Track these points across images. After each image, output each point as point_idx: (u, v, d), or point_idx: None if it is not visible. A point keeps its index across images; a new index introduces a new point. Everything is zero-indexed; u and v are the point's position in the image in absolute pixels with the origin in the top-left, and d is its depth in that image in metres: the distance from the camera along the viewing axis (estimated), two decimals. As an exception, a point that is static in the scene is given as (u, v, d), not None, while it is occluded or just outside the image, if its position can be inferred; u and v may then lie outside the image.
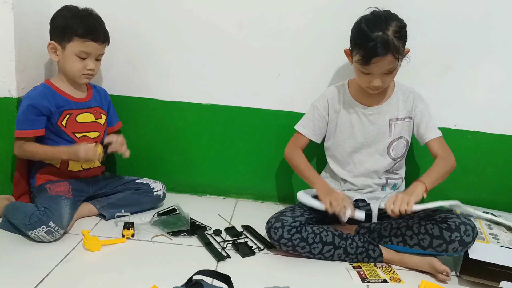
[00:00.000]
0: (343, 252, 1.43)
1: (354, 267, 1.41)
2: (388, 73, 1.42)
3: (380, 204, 1.36)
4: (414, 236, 1.39)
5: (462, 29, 1.63)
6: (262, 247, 1.48)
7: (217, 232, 1.56)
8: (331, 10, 1.65)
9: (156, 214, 1.62)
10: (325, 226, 1.46)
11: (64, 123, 1.54)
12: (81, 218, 1.58)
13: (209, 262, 1.38)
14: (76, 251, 1.39)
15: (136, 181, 1.69)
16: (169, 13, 1.71)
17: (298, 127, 1.61)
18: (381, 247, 1.44)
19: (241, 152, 1.84)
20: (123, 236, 1.47)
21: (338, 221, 1.57)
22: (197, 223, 1.60)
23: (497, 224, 1.55)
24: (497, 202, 1.74)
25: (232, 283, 1.11)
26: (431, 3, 1.62)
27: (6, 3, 1.49)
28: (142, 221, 1.58)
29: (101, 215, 1.60)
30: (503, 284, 1.31)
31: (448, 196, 1.45)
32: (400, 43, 1.38)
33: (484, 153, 1.74)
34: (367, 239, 1.46)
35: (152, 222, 1.56)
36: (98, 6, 1.57)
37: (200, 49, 1.73)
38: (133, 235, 1.49)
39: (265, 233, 1.47)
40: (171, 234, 1.51)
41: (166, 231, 1.52)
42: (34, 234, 1.38)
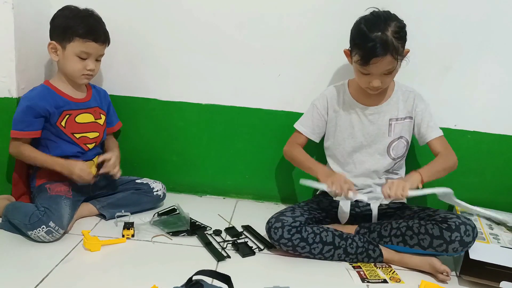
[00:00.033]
0: (343, 252, 1.43)
1: (354, 267, 1.41)
2: (388, 74, 1.42)
3: (377, 191, 1.37)
4: (414, 236, 1.39)
5: (462, 29, 1.63)
6: (262, 247, 1.48)
7: (217, 232, 1.56)
8: (331, 10, 1.65)
9: (156, 214, 1.62)
10: (325, 226, 1.47)
11: (64, 124, 1.54)
12: (81, 218, 1.58)
13: (209, 262, 1.38)
14: (76, 251, 1.39)
15: (136, 181, 1.69)
16: (169, 13, 1.71)
17: (297, 126, 1.61)
18: (381, 247, 1.44)
19: (241, 152, 1.83)
20: (123, 236, 1.47)
21: (338, 221, 1.57)
22: (197, 223, 1.60)
23: (489, 220, 1.56)
24: (497, 202, 1.74)
25: (232, 283, 1.11)
26: (431, 3, 1.62)
27: (6, 3, 1.49)
28: (142, 221, 1.58)
29: (101, 215, 1.60)
30: (503, 284, 1.31)
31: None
32: (400, 44, 1.38)
33: (484, 153, 1.74)
34: (367, 239, 1.46)
35: (152, 222, 1.56)
36: (98, 6, 1.57)
37: (200, 49, 1.73)
38: (133, 235, 1.49)
39: (265, 233, 1.47)
40: (171, 234, 1.51)
41: (166, 231, 1.52)
42: (34, 234, 1.38)
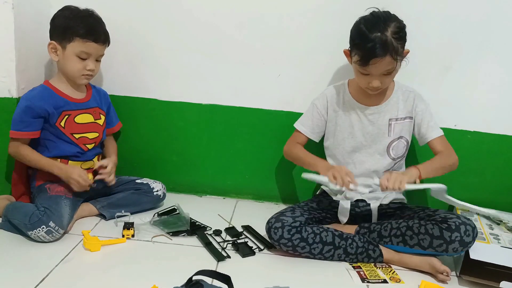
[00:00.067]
0: (343, 252, 1.43)
1: (354, 267, 1.41)
2: (387, 74, 1.42)
3: (374, 180, 1.37)
4: (414, 236, 1.39)
5: (462, 29, 1.63)
6: (262, 247, 1.48)
7: (217, 232, 1.56)
8: (331, 10, 1.65)
9: (156, 214, 1.62)
10: (325, 226, 1.47)
11: (63, 124, 1.54)
12: (81, 218, 1.58)
13: (209, 262, 1.38)
14: (76, 251, 1.39)
15: (136, 181, 1.68)
16: (169, 13, 1.71)
17: (297, 125, 1.61)
18: (381, 247, 1.44)
19: (241, 152, 1.83)
20: (123, 236, 1.47)
21: (338, 221, 1.57)
22: (197, 223, 1.60)
23: (482, 216, 1.56)
24: (497, 202, 1.74)
25: (232, 283, 1.11)
26: (431, 3, 1.62)
27: (6, 3, 1.49)
28: (142, 221, 1.58)
29: (101, 215, 1.60)
30: (503, 284, 1.31)
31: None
32: (399, 44, 1.38)
33: (484, 153, 1.74)
34: (367, 239, 1.46)
35: (152, 222, 1.56)
36: (98, 6, 1.57)
37: (200, 49, 1.73)
38: (133, 235, 1.49)
39: (265, 233, 1.47)
40: (171, 234, 1.51)
41: (166, 231, 1.52)
42: (34, 234, 1.38)
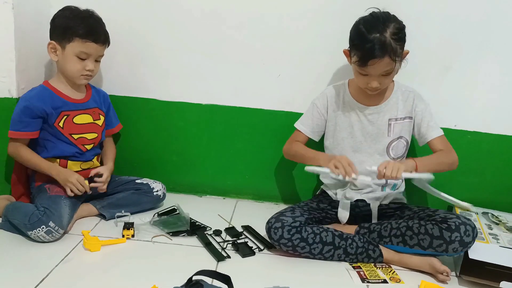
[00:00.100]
0: (343, 252, 1.43)
1: (354, 267, 1.41)
2: (386, 75, 1.42)
3: (372, 168, 1.37)
4: (414, 236, 1.38)
5: (462, 29, 1.63)
6: (262, 247, 1.48)
7: (217, 232, 1.56)
8: (331, 10, 1.65)
9: (156, 214, 1.62)
10: (325, 226, 1.47)
11: (61, 125, 1.54)
12: (81, 218, 1.58)
13: (209, 262, 1.38)
14: (76, 251, 1.39)
15: (136, 181, 1.68)
16: (169, 13, 1.71)
17: (298, 125, 1.61)
18: (381, 247, 1.44)
19: (241, 152, 1.83)
20: (123, 236, 1.47)
21: (338, 221, 1.57)
22: (197, 223, 1.60)
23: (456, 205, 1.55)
24: (497, 202, 1.74)
25: (232, 283, 1.11)
26: (431, 3, 1.62)
27: (6, 3, 1.49)
28: (142, 221, 1.58)
29: (101, 215, 1.60)
30: (503, 284, 1.31)
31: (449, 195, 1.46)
32: (398, 45, 1.38)
33: (484, 153, 1.74)
34: (367, 239, 1.46)
35: (152, 222, 1.56)
36: (98, 7, 1.57)
37: (200, 49, 1.73)
38: (133, 235, 1.49)
39: (265, 233, 1.47)
40: (171, 234, 1.51)
41: (166, 231, 1.52)
42: (34, 234, 1.38)
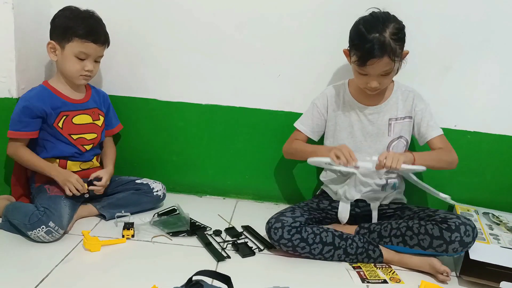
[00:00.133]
0: (343, 253, 1.43)
1: (354, 268, 1.41)
2: (385, 75, 1.42)
3: (373, 158, 1.36)
4: (414, 237, 1.38)
5: (462, 29, 1.63)
6: (262, 248, 1.48)
7: (217, 233, 1.56)
8: (331, 10, 1.65)
9: (156, 215, 1.61)
10: (325, 227, 1.46)
11: (61, 125, 1.54)
12: (81, 218, 1.58)
13: (209, 263, 1.38)
14: (76, 252, 1.39)
15: (136, 181, 1.68)
16: (169, 14, 1.70)
17: (297, 125, 1.61)
18: (381, 248, 1.44)
19: (241, 152, 1.83)
20: (123, 237, 1.47)
21: (338, 221, 1.57)
22: (197, 224, 1.60)
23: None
24: (497, 202, 1.74)
25: (232, 284, 1.11)
26: (431, 3, 1.62)
27: (6, 4, 1.49)
28: (142, 222, 1.58)
29: (101, 215, 1.60)
30: (503, 285, 1.31)
31: (449, 195, 1.45)
32: (397, 45, 1.38)
33: (484, 153, 1.73)
34: (367, 240, 1.45)
35: (152, 223, 1.56)
36: (98, 7, 1.57)
37: (200, 49, 1.73)
38: (133, 236, 1.48)
39: (265, 234, 1.47)
40: (171, 235, 1.51)
41: (166, 232, 1.52)
42: (34, 234, 1.38)
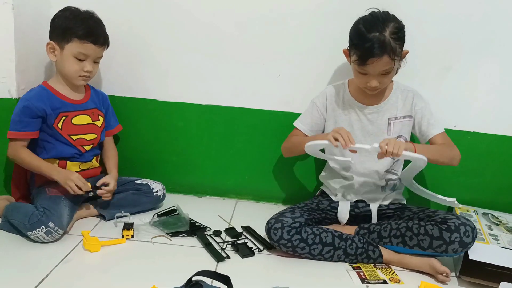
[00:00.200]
0: (343, 253, 1.43)
1: (354, 268, 1.41)
2: (385, 74, 1.42)
3: (374, 145, 1.35)
4: (414, 237, 1.38)
5: (462, 29, 1.63)
6: (262, 248, 1.48)
7: (217, 233, 1.56)
8: (331, 10, 1.65)
9: (156, 215, 1.62)
10: (325, 227, 1.46)
11: (60, 126, 1.53)
12: (81, 219, 1.58)
13: (209, 263, 1.38)
14: (76, 252, 1.39)
15: (136, 182, 1.68)
16: (169, 14, 1.70)
17: (297, 123, 1.61)
18: (381, 248, 1.44)
19: (241, 153, 1.83)
20: (123, 237, 1.47)
21: (338, 222, 1.57)
22: (197, 224, 1.60)
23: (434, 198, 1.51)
24: (497, 202, 1.74)
25: (232, 284, 1.11)
26: (431, 3, 1.62)
27: (6, 4, 1.50)
28: (142, 222, 1.58)
29: (101, 216, 1.60)
30: (503, 285, 1.30)
31: (449, 196, 1.45)
32: (397, 45, 1.38)
33: (484, 154, 1.73)
34: (367, 240, 1.45)
35: (152, 223, 1.56)
36: (97, 7, 1.57)
37: (200, 50, 1.73)
38: (133, 236, 1.49)
39: (265, 234, 1.47)
40: (171, 235, 1.51)
41: (166, 232, 1.52)
42: (34, 235, 1.38)
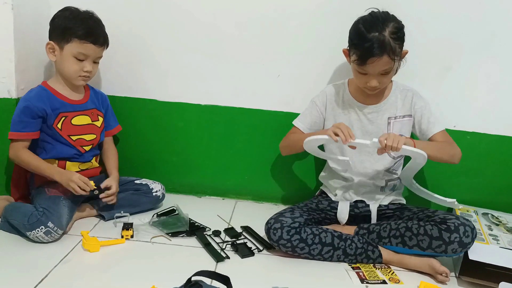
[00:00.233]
0: (342, 253, 1.42)
1: (353, 268, 1.41)
2: (385, 74, 1.41)
3: (373, 140, 1.35)
4: (414, 237, 1.38)
5: (462, 29, 1.63)
6: (261, 248, 1.48)
7: (216, 233, 1.56)
8: (331, 10, 1.65)
9: (155, 215, 1.62)
10: (325, 227, 1.46)
11: (60, 126, 1.53)
12: (80, 219, 1.58)
13: (208, 263, 1.38)
14: (75, 252, 1.39)
15: (135, 182, 1.69)
16: (168, 14, 1.70)
17: (296, 122, 1.61)
18: (380, 248, 1.44)
19: (241, 153, 1.83)
20: (122, 237, 1.47)
21: (338, 222, 1.57)
22: (196, 224, 1.60)
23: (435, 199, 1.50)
24: (497, 202, 1.74)
25: (231, 284, 1.11)
26: (431, 3, 1.62)
27: (6, 4, 1.50)
28: (141, 222, 1.58)
29: (100, 216, 1.60)
30: (503, 285, 1.30)
31: (449, 196, 1.45)
32: (397, 44, 1.38)
33: (484, 154, 1.73)
34: (366, 240, 1.45)
35: (151, 223, 1.56)
36: (97, 7, 1.57)
37: (200, 50, 1.73)
38: (132, 236, 1.49)
39: (264, 234, 1.47)
40: (170, 235, 1.51)
41: (165, 232, 1.52)
42: (33, 235, 1.38)
